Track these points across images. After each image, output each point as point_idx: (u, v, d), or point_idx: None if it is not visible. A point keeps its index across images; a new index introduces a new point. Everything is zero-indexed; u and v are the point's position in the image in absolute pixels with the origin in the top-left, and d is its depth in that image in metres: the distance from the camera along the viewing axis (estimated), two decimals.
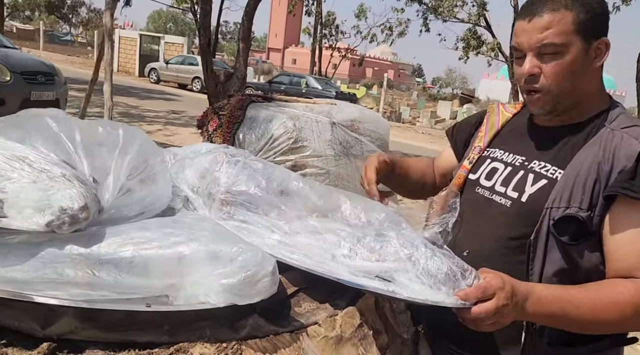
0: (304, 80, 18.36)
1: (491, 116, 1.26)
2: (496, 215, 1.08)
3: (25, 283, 0.74)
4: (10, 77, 5.88)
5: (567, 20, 0.99)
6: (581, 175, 0.98)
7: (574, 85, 1.02)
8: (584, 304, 0.90)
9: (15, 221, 0.75)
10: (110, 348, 0.72)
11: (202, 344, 0.75)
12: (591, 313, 0.91)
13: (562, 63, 1.00)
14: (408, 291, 0.85)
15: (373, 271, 0.89)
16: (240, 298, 0.80)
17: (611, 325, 0.94)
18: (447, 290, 0.85)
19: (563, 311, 0.90)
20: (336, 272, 0.90)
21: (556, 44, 0.99)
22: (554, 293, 0.91)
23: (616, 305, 0.91)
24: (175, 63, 20.29)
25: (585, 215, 0.96)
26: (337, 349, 0.86)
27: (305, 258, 0.93)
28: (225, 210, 1.02)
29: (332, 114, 2.99)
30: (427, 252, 0.89)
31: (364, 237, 0.94)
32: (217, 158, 1.12)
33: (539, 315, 0.91)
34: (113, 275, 0.77)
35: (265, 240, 0.96)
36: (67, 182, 0.79)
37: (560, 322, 0.94)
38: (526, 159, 1.10)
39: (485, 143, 1.21)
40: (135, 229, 0.84)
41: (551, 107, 1.05)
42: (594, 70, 1.03)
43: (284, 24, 61.87)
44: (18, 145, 0.82)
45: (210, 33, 6.85)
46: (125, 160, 0.94)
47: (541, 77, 1.02)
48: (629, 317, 0.91)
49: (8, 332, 0.71)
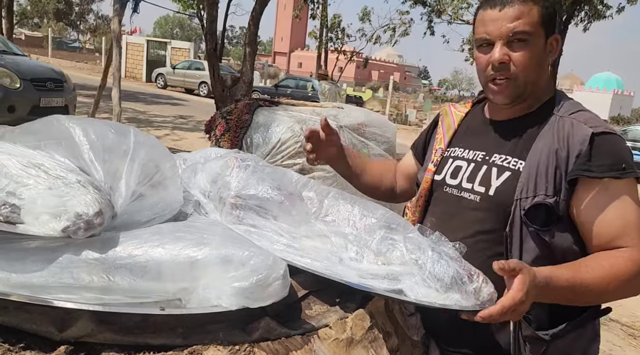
0: (310, 83, 18.39)
1: (445, 118, 1.32)
2: (468, 212, 1.13)
3: (42, 287, 0.76)
4: (20, 84, 5.94)
5: (535, 12, 1.05)
6: (542, 164, 1.03)
7: (538, 75, 1.09)
8: (594, 284, 0.96)
9: (32, 227, 0.76)
10: (126, 351, 0.73)
11: (215, 347, 0.76)
12: (598, 292, 0.97)
13: (529, 52, 1.06)
14: (415, 294, 0.87)
15: (380, 274, 0.90)
16: (252, 301, 0.81)
17: (614, 296, 1.01)
18: (457, 294, 0.86)
19: (574, 293, 0.96)
20: (344, 275, 0.91)
21: (527, 32, 1.05)
22: (569, 280, 0.95)
23: (620, 278, 0.97)
24: (182, 68, 20.39)
25: (552, 201, 1.02)
26: (348, 351, 0.87)
27: (314, 261, 0.94)
28: (235, 214, 1.03)
29: (339, 117, 3.01)
30: (433, 256, 0.90)
31: (371, 241, 0.95)
32: (228, 163, 1.13)
33: (554, 298, 0.97)
34: (127, 279, 0.78)
35: (273, 244, 0.97)
36: (82, 189, 0.80)
37: (573, 301, 1.00)
38: (486, 154, 1.14)
39: (445, 144, 1.26)
40: (148, 234, 0.86)
41: (515, 95, 1.10)
42: (548, 64, 1.11)
43: (290, 27, 62.05)
44: (34, 152, 0.84)
45: (216, 38, 6.90)
46: (136, 166, 0.95)
47: (511, 65, 1.07)
48: (630, 287, 0.99)
49: (26, 336, 0.73)
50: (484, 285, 0.88)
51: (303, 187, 1.12)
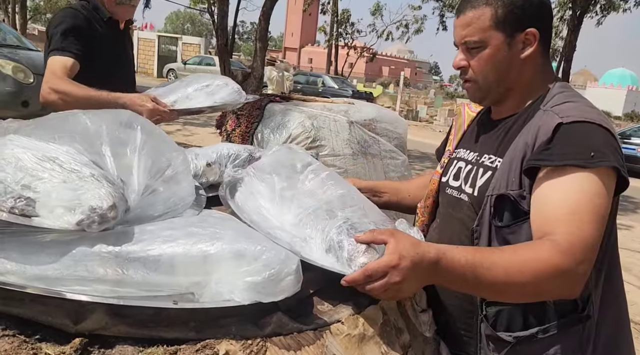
0: (320, 79, 18.37)
1: (458, 119, 1.32)
2: (464, 213, 1.14)
3: (57, 280, 0.76)
4: (33, 79, 6.00)
5: (485, 17, 1.05)
6: (514, 160, 1.02)
7: (499, 76, 1.08)
8: (497, 265, 0.87)
9: (47, 220, 0.77)
10: (140, 344, 0.74)
11: (227, 341, 0.76)
12: (505, 274, 0.87)
13: (483, 56, 1.07)
14: (306, 253, 0.95)
15: (293, 234, 1.01)
16: (265, 296, 0.81)
17: (526, 287, 0.89)
18: (333, 258, 0.92)
19: (474, 275, 0.86)
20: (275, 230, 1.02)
21: (475, 40, 1.06)
22: (468, 257, 0.87)
23: (530, 264, 0.87)
24: (193, 63, 20.48)
25: (515, 193, 0.99)
26: (360, 347, 0.87)
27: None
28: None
29: (349, 113, 2.99)
30: (342, 226, 0.96)
31: (314, 210, 1.05)
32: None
33: (451, 281, 0.90)
34: (141, 273, 0.78)
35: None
36: (96, 182, 0.81)
37: (475, 288, 0.91)
38: (478, 154, 1.15)
39: (453, 145, 1.27)
40: (161, 228, 0.86)
41: (482, 96, 1.13)
42: (523, 61, 1.07)
43: (300, 23, 61.91)
44: (49, 146, 0.85)
45: (227, 33, 6.91)
46: (149, 160, 0.95)
47: (469, 70, 1.10)
48: (543, 278, 0.87)
49: (41, 328, 0.73)
50: (361, 256, 0.88)
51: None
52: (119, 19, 2.08)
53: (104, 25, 1.99)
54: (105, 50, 1.94)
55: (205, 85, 1.69)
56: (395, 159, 3.09)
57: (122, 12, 2.04)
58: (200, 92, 1.67)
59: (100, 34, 1.95)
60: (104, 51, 1.94)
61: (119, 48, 2.11)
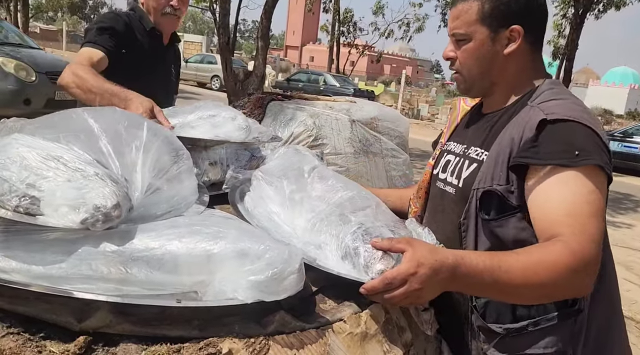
0: (321, 77, 18.35)
1: (453, 112, 1.34)
2: (449, 205, 1.16)
3: (61, 278, 0.77)
4: (35, 77, 6.01)
5: (473, 11, 1.08)
6: (500, 154, 1.03)
7: (482, 69, 1.11)
8: (514, 268, 0.87)
9: (52, 219, 0.77)
10: (143, 342, 0.74)
11: (231, 339, 0.77)
12: (523, 276, 0.87)
13: (467, 49, 1.10)
14: (322, 262, 0.94)
15: (308, 241, 1.01)
16: (267, 295, 0.81)
17: (543, 288, 0.90)
18: (349, 265, 0.91)
19: (493, 278, 0.87)
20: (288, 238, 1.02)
21: (461, 33, 1.10)
22: (486, 261, 0.88)
23: (545, 265, 0.88)
24: (195, 62, 20.47)
25: (501, 188, 1.00)
26: (362, 345, 0.87)
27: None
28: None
29: (351, 112, 2.99)
30: (357, 231, 0.95)
31: (329, 216, 1.03)
32: None
33: (469, 286, 0.90)
34: (144, 271, 0.79)
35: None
36: (100, 181, 0.81)
37: (494, 291, 0.92)
38: (466, 147, 1.17)
39: (446, 138, 1.29)
40: (165, 227, 0.86)
41: (466, 87, 1.16)
42: (506, 56, 1.09)
43: (302, 21, 61.86)
44: (53, 145, 0.85)
45: (229, 32, 6.90)
46: (152, 159, 0.96)
47: (457, 61, 1.13)
48: (559, 277, 0.87)
49: (46, 326, 0.74)
50: (378, 263, 0.87)
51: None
52: (163, 31, 2.06)
53: (146, 35, 1.97)
54: (140, 59, 1.89)
55: (211, 115, 1.50)
56: (397, 157, 3.09)
57: (166, 23, 2.03)
58: (205, 122, 1.48)
59: (140, 44, 1.93)
60: (139, 60, 1.89)
61: (159, 62, 2.07)
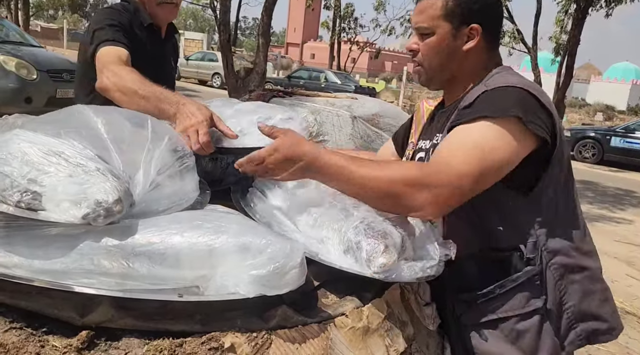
0: (322, 74, 18.33)
1: (417, 114, 1.42)
2: None
3: (63, 273, 0.77)
4: (37, 75, 6.02)
5: (437, 6, 1.13)
6: (446, 133, 1.08)
7: (442, 63, 1.17)
8: (358, 172, 0.97)
9: (53, 214, 0.77)
10: (146, 336, 0.74)
11: (233, 334, 0.77)
12: (361, 179, 0.97)
13: (429, 43, 1.16)
14: (324, 256, 0.96)
15: (311, 236, 1.02)
16: (269, 289, 0.81)
17: (381, 187, 0.97)
18: (351, 259, 0.93)
19: (344, 176, 0.98)
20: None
21: (425, 27, 1.15)
22: (339, 162, 0.98)
23: (392, 169, 0.99)
24: (196, 59, 20.47)
25: None
26: (364, 340, 0.87)
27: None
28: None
29: (352, 108, 2.99)
30: (359, 226, 0.96)
31: (329, 209, 1.04)
32: None
33: (324, 178, 1.01)
34: (146, 266, 0.79)
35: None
36: (101, 176, 0.81)
37: (343, 186, 1.01)
38: (431, 141, 1.24)
39: (416, 138, 1.36)
40: (166, 222, 0.86)
41: (426, 79, 1.22)
42: (465, 52, 1.16)
43: (303, 18, 61.76)
44: (54, 141, 0.85)
45: (230, 29, 6.89)
46: (154, 155, 0.96)
47: (419, 54, 1.19)
48: (396, 181, 0.96)
49: (48, 321, 0.74)
50: (380, 257, 0.90)
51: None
52: (160, 23, 1.97)
53: (143, 29, 1.90)
54: (141, 56, 1.77)
55: (265, 118, 1.35)
56: None
57: (163, 13, 1.94)
58: (255, 127, 1.20)
59: (139, 39, 1.86)
60: (140, 57, 1.77)
61: (157, 55, 1.98)
